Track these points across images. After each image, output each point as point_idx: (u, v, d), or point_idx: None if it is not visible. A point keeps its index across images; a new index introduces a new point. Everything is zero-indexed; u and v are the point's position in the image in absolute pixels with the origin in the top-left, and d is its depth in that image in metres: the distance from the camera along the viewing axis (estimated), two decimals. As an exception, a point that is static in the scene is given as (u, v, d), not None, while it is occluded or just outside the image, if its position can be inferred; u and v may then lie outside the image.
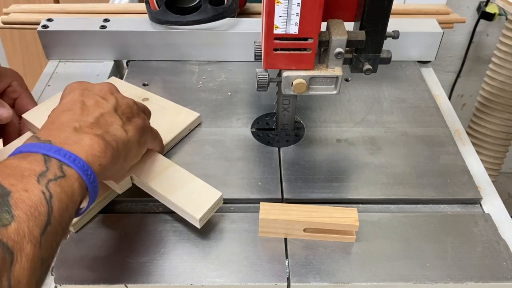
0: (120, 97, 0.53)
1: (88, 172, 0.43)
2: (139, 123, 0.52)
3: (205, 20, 0.78)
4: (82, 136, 0.45)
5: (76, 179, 0.42)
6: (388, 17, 0.56)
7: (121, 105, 0.51)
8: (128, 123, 0.51)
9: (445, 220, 0.58)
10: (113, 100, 0.51)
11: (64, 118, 0.47)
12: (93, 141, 0.45)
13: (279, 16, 0.53)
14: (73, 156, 0.42)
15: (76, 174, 0.42)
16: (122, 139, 0.48)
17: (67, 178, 0.41)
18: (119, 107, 0.51)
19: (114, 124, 0.48)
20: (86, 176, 0.42)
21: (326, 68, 0.58)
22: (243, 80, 0.80)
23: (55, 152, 0.42)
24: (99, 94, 0.51)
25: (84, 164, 0.43)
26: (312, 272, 0.52)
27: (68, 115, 0.47)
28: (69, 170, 0.41)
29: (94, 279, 0.51)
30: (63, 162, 0.41)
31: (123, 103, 0.52)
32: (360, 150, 0.67)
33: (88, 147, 0.44)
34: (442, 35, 0.82)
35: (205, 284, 0.51)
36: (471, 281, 0.51)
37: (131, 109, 0.52)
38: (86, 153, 0.44)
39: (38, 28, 0.81)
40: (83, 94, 0.50)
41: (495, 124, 1.22)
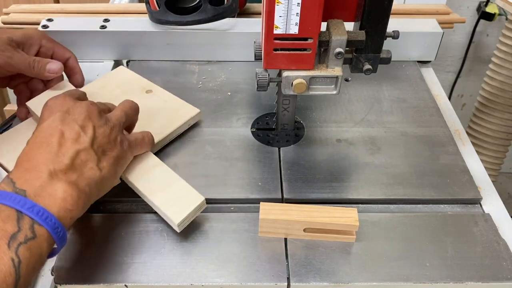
0: (98, 124, 0.51)
1: (59, 230, 0.44)
2: (115, 154, 0.52)
3: (205, 20, 0.78)
4: (56, 185, 0.45)
5: (45, 238, 0.43)
6: (388, 17, 0.56)
7: (98, 136, 0.51)
8: (103, 158, 0.51)
9: (445, 220, 0.58)
10: (90, 131, 0.50)
11: (40, 156, 0.47)
12: (66, 193, 0.45)
13: (279, 16, 0.53)
14: (45, 213, 0.43)
15: (47, 233, 0.43)
16: (95, 180, 0.49)
17: (37, 239, 0.42)
18: (96, 140, 0.50)
19: (88, 163, 0.49)
20: (56, 234, 0.44)
21: (326, 68, 0.58)
22: (243, 80, 0.80)
23: (28, 209, 0.42)
24: (78, 121, 0.50)
25: (56, 221, 0.44)
26: (312, 272, 0.52)
27: (44, 153, 0.47)
28: (40, 230, 0.42)
29: (94, 279, 0.51)
30: (35, 221, 0.42)
31: (100, 133, 0.51)
32: (360, 150, 0.67)
33: (61, 201, 0.45)
34: (442, 35, 0.82)
35: (205, 284, 0.51)
36: (471, 281, 0.51)
37: (108, 138, 0.52)
38: (58, 207, 0.44)
39: (38, 28, 0.81)
40: (63, 121, 0.50)
41: (495, 124, 1.22)
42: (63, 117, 0.50)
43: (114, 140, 0.52)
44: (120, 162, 0.53)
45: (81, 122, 0.50)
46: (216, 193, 0.60)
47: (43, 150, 0.48)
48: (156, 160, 0.59)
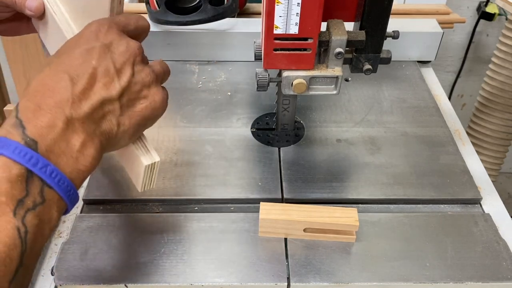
0: (137, 70, 0.44)
1: (71, 192, 0.40)
2: (144, 113, 0.45)
3: (205, 20, 0.78)
4: (71, 139, 0.40)
5: (55, 202, 0.39)
6: (388, 17, 0.56)
7: (133, 85, 0.43)
8: (129, 112, 0.44)
9: (445, 220, 0.58)
10: (126, 78, 0.43)
11: (59, 93, 0.40)
12: (80, 152, 0.40)
13: (279, 16, 0.53)
14: (59, 175, 0.38)
15: (57, 196, 0.39)
16: (110, 135, 0.43)
17: (46, 204, 0.38)
18: (128, 90, 0.43)
19: (109, 115, 0.42)
20: (68, 197, 0.39)
21: (326, 68, 0.58)
22: (243, 80, 0.80)
23: (40, 169, 0.37)
24: (116, 63, 0.43)
25: (69, 183, 0.39)
26: (312, 272, 0.52)
27: (65, 90, 0.40)
28: (50, 194, 0.38)
29: (94, 279, 0.51)
30: (46, 184, 0.38)
31: (137, 80, 0.44)
32: (360, 150, 0.67)
33: (74, 161, 0.40)
34: (442, 35, 0.82)
35: (205, 284, 0.51)
36: (471, 281, 0.51)
37: (141, 90, 0.44)
38: (72, 167, 0.40)
39: (38, 28, 0.81)
40: (100, 57, 0.42)
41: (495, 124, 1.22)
42: (102, 51, 0.43)
43: (148, 93, 0.45)
44: (144, 123, 0.46)
45: (120, 64, 0.43)
46: (216, 193, 0.60)
47: (65, 85, 0.40)
48: None
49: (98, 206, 0.59)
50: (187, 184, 0.61)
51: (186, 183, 0.61)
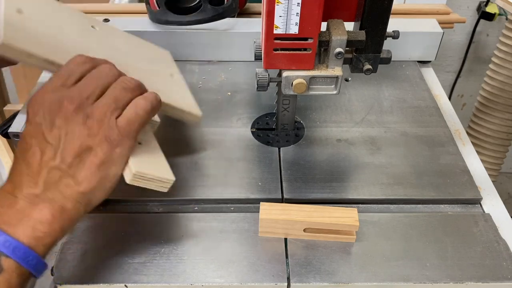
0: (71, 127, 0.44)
1: (30, 258, 0.41)
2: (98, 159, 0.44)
3: (205, 20, 0.78)
4: (28, 210, 0.42)
5: (14, 270, 0.40)
6: (388, 17, 0.56)
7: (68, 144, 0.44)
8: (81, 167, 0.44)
9: (445, 220, 0.58)
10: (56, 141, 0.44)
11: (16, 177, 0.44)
12: (36, 219, 0.42)
13: (279, 16, 0.53)
14: (13, 243, 0.40)
15: (15, 264, 0.40)
16: (74, 197, 0.44)
17: (4, 272, 0.40)
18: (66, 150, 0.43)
19: (63, 179, 0.43)
20: (27, 263, 0.41)
21: (326, 68, 0.58)
22: (243, 80, 0.80)
23: None
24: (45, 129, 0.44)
25: (25, 251, 0.41)
26: (312, 272, 0.52)
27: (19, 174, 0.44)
28: (7, 262, 0.40)
29: (94, 279, 0.51)
30: (1, 253, 0.40)
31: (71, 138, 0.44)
32: (360, 150, 0.67)
33: (31, 230, 0.41)
34: (442, 35, 0.82)
35: (205, 284, 0.51)
36: (471, 281, 0.51)
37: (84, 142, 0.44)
38: (28, 236, 0.41)
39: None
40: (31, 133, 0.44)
41: (495, 124, 1.22)
42: (32, 127, 0.44)
43: (94, 144, 0.44)
44: (112, 161, 0.45)
45: (53, 131, 0.44)
46: (216, 193, 0.60)
47: (19, 169, 0.44)
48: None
49: (98, 206, 0.59)
50: (187, 184, 0.61)
51: (186, 183, 0.61)
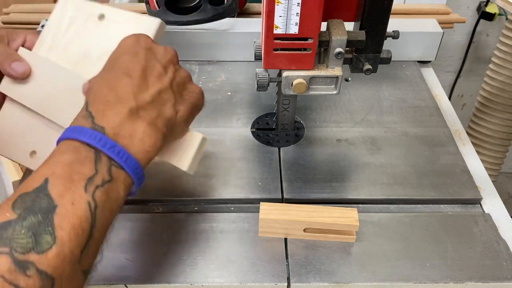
0: (178, 68, 0.50)
1: (138, 171, 0.43)
2: (192, 101, 0.50)
3: (205, 20, 0.78)
4: (136, 124, 0.43)
5: (122, 181, 0.42)
6: (388, 17, 0.56)
7: (177, 78, 0.49)
8: (181, 100, 0.49)
9: (445, 220, 0.58)
10: (171, 73, 0.48)
11: (121, 89, 0.45)
12: (145, 133, 0.44)
13: (279, 16, 0.53)
14: (126, 154, 0.42)
15: (124, 174, 0.42)
16: (171, 120, 0.47)
17: (113, 181, 0.41)
18: (175, 81, 0.48)
19: (167, 102, 0.47)
20: (136, 174, 0.42)
21: (326, 68, 0.58)
22: (243, 80, 0.80)
23: (109, 149, 0.41)
24: (161, 61, 0.48)
25: (135, 163, 0.42)
26: (312, 272, 0.52)
27: (126, 86, 0.45)
28: (117, 172, 0.41)
29: (94, 279, 0.51)
30: (113, 162, 0.41)
31: (179, 76, 0.49)
32: (360, 150, 0.67)
33: (140, 142, 0.43)
34: (442, 35, 0.82)
35: (205, 284, 0.51)
36: (471, 281, 0.51)
37: (184, 84, 0.50)
38: (137, 148, 0.43)
39: (38, 28, 0.81)
40: (146, 57, 0.47)
41: (495, 124, 1.22)
42: (146, 53, 0.48)
43: (190, 88, 0.50)
44: (194, 110, 0.51)
45: (164, 62, 0.48)
46: (216, 193, 0.60)
47: (125, 82, 0.45)
48: None
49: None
50: (187, 184, 0.61)
51: (186, 183, 0.61)
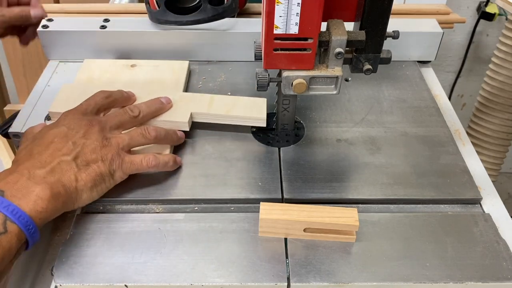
0: (91, 141, 0.57)
1: (30, 227, 0.49)
2: (98, 171, 0.56)
3: (205, 20, 0.78)
4: (33, 188, 0.51)
5: (16, 234, 0.48)
6: (388, 17, 0.56)
7: (86, 152, 0.56)
8: (85, 170, 0.55)
9: (445, 220, 0.58)
10: (79, 145, 0.56)
11: (27, 162, 0.54)
12: (38, 196, 0.50)
13: (279, 16, 0.53)
14: (19, 212, 0.48)
15: (18, 229, 0.48)
16: (69, 187, 0.53)
17: (7, 234, 0.47)
18: (82, 154, 0.56)
19: (67, 172, 0.54)
20: (27, 230, 0.49)
21: (326, 68, 0.58)
22: (243, 80, 0.80)
23: (4, 208, 0.48)
24: (73, 138, 0.56)
25: (28, 219, 0.49)
26: (312, 272, 0.52)
27: (31, 159, 0.54)
28: (11, 226, 0.48)
29: (94, 279, 0.51)
30: (8, 218, 0.48)
31: (89, 149, 0.56)
32: (360, 150, 0.67)
33: (33, 203, 0.50)
34: (442, 35, 0.82)
35: (205, 284, 0.51)
36: (471, 281, 0.51)
37: (95, 155, 0.56)
38: (30, 208, 0.49)
39: (38, 28, 0.81)
40: (60, 135, 0.57)
41: (495, 124, 1.22)
42: (62, 129, 0.57)
43: (101, 158, 0.56)
44: (102, 180, 0.56)
45: (75, 137, 0.56)
46: (216, 193, 0.60)
47: (32, 157, 0.54)
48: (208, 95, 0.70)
49: (98, 206, 0.59)
50: (187, 184, 0.61)
51: (186, 183, 0.61)
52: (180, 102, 0.69)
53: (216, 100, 0.69)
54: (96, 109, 0.62)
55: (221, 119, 0.68)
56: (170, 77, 0.77)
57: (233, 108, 0.68)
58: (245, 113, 0.67)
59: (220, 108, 0.68)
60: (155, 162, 0.60)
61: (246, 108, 0.68)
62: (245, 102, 0.69)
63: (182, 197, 0.60)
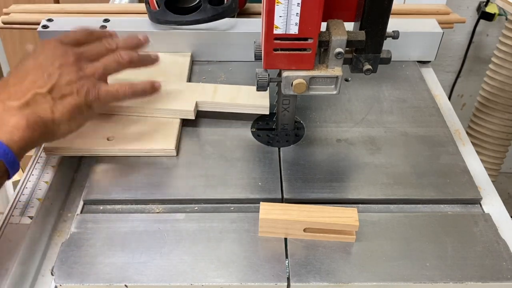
0: (66, 72, 0.56)
1: (8, 156, 0.50)
2: (73, 102, 0.56)
3: (205, 20, 0.78)
4: (8, 118, 0.52)
5: None
6: (388, 17, 0.56)
7: (61, 83, 0.56)
8: (60, 102, 0.55)
9: (445, 220, 0.58)
10: (54, 79, 0.55)
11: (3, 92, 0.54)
12: (14, 127, 0.51)
13: (279, 16, 0.53)
14: None
15: None
16: (45, 119, 0.54)
17: None
18: (57, 86, 0.55)
19: (43, 104, 0.54)
20: (6, 159, 0.50)
21: (326, 68, 0.58)
22: (243, 80, 0.80)
23: None
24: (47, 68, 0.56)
25: (5, 149, 0.50)
26: (312, 272, 0.52)
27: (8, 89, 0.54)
28: None
29: (94, 279, 0.51)
30: None
31: (64, 81, 0.56)
32: (360, 150, 0.67)
33: (9, 133, 0.51)
34: (442, 35, 0.82)
35: (205, 284, 0.51)
36: (471, 281, 0.51)
37: (70, 87, 0.56)
38: (7, 138, 0.50)
39: (38, 28, 0.81)
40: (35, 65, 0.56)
41: (495, 124, 1.22)
42: (38, 61, 0.57)
43: (77, 90, 0.56)
44: (80, 111, 0.57)
45: (50, 69, 0.56)
46: (216, 193, 0.60)
47: (8, 88, 0.55)
48: (213, 85, 0.73)
49: (98, 206, 0.59)
50: (187, 184, 0.61)
51: (186, 183, 0.61)
52: (185, 91, 0.71)
53: (220, 89, 0.71)
54: (74, 41, 0.61)
55: (225, 108, 0.69)
56: (173, 68, 0.79)
57: (237, 96, 0.70)
58: (249, 101, 0.69)
59: (224, 97, 0.70)
60: (131, 89, 0.60)
61: (250, 97, 0.69)
62: (249, 90, 0.71)
63: (182, 197, 0.60)
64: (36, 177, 0.63)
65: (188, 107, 0.68)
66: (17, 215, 0.58)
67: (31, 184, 0.62)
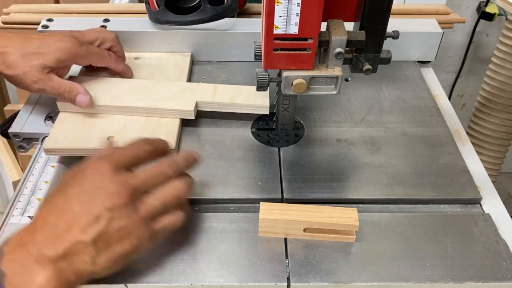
0: (118, 216, 0.46)
1: None
2: (121, 251, 0.47)
3: (205, 20, 0.78)
4: (37, 273, 0.43)
5: None
6: (388, 17, 0.56)
7: (110, 230, 0.46)
8: (104, 253, 0.46)
9: (445, 220, 0.58)
10: (102, 224, 0.45)
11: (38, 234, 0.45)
12: (40, 283, 0.42)
13: (279, 16, 0.53)
14: None
15: None
16: (83, 273, 0.45)
17: None
18: (104, 234, 0.46)
19: (82, 255, 0.45)
20: None
21: (326, 68, 0.58)
22: (243, 80, 0.80)
23: None
24: (95, 208, 0.46)
25: None
26: (312, 272, 0.52)
27: (44, 232, 0.45)
28: None
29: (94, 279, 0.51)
30: None
31: (114, 227, 0.46)
32: (360, 150, 0.67)
33: None
34: (442, 35, 0.82)
35: (205, 284, 0.51)
36: (471, 281, 0.51)
37: (122, 232, 0.46)
38: None
39: (38, 28, 0.81)
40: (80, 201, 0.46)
41: (495, 124, 1.22)
42: (84, 192, 0.47)
43: (128, 238, 0.47)
44: (127, 257, 0.48)
45: (99, 209, 0.46)
46: (216, 193, 0.60)
47: (46, 226, 0.45)
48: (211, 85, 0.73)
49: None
50: (187, 184, 0.61)
51: (186, 183, 0.61)
52: (185, 91, 0.71)
53: (220, 89, 0.71)
54: (131, 163, 0.51)
55: (225, 108, 0.69)
56: (174, 68, 0.79)
57: (237, 96, 0.70)
58: (249, 101, 0.69)
59: (224, 97, 0.70)
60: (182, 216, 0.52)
61: (250, 97, 0.70)
62: (249, 90, 0.71)
63: (182, 197, 0.60)
64: (36, 177, 0.63)
65: (188, 107, 0.68)
66: (17, 215, 0.58)
67: (31, 184, 0.62)
